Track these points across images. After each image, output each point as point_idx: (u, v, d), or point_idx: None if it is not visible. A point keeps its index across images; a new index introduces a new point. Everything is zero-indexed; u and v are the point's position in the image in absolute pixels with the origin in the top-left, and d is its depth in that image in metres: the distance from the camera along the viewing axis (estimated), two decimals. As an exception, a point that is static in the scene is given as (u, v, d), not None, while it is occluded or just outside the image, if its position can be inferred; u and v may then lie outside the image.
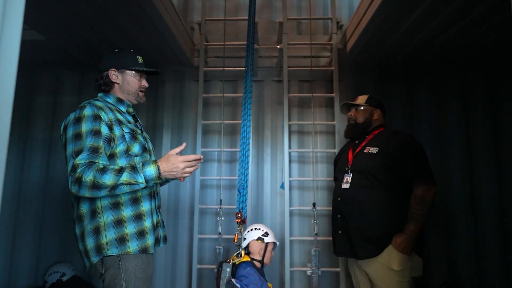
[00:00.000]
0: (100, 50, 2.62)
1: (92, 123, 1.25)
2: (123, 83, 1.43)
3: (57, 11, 1.98)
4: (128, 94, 1.45)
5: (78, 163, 1.20)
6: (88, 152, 1.21)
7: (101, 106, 1.31)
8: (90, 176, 1.17)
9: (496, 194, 2.66)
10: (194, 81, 2.97)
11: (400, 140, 1.77)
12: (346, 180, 1.79)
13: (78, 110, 1.29)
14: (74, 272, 2.64)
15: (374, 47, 2.42)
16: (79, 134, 1.24)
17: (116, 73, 1.42)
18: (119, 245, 1.24)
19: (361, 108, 1.92)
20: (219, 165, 2.79)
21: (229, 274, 1.85)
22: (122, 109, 1.43)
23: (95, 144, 1.23)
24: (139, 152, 1.36)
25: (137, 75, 1.46)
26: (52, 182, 2.90)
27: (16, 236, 2.83)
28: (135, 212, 1.30)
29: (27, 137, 2.96)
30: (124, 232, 1.26)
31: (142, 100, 1.50)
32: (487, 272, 2.59)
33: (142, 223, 1.31)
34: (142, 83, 1.48)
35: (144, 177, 1.22)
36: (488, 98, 2.79)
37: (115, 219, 1.26)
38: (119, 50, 1.46)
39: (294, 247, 2.71)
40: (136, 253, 1.27)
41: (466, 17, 1.91)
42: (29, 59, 2.83)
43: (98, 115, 1.27)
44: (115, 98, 1.43)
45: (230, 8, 3.02)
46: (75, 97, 3.00)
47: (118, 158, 1.30)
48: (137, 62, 1.46)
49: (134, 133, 1.38)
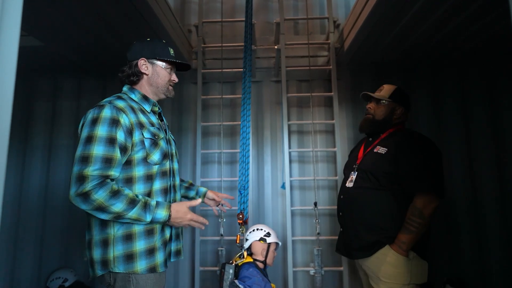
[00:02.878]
0: (98, 55, 2.65)
1: (108, 128, 1.14)
2: (152, 75, 1.33)
3: (55, 17, 1.98)
4: (157, 87, 1.35)
5: (89, 174, 1.09)
6: (101, 162, 1.11)
7: (122, 108, 1.20)
8: (100, 197, 1.08)
9: (497, 190, 2.66)
10: (192, 83, 2.98)
11: (410, 143, 1.59)
12: (351, 179, 1.69)
13: (96, 109, 1.17)
14: (77, 277, 2.63)
15: (371, 45, 2.43)
16: (91, 137, 1.12)
17: (146, 63, 1.31)
18: (127, 263, 1.16)
19: (383, 103, 1.70)
20: (220, 166, 2.79)
21: (232, 276, 1.85)
22: (147, 108, 1.32)
23: (109, 154, 1.12)
24: (159, 160, 1.25)
25: (168, 67, 1.35)
26: (52, 188, 2.90)
27: (17, 242, 2.82)
28: (147, 227, 1.20)
29: (27, 143, 2.96)
30: (133, 249, 1.17)
31: (171, 94, 1.40)
32: (491, 268, 2.58)
33: (153, 240, 1.21)
34: (172, 77, 1.38)
35: (153, 218, 1.16)
36: (486, 94, 2.79)
37: (125, 233, 1.17)
38: (151, 39, 1.35)
39: (296, 247, 2.71)
40: (143, 273, 1.18)
41: (462, 14, 1.91)
42: (27, 65, 2.84)
43: (117, 119, 1.16)
44: (140, 95, 1.32)
45: (226, 10, 3.03)
46: (74, 103, 3.00)
47: (135, 166, 1.20)
48: (169, 54, 1.35)
49: (156, 138, 1.26)
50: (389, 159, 1.57)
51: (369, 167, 1.63)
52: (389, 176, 1.56)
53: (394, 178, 1.55)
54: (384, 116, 1.69)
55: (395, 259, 1.50)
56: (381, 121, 1.70)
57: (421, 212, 1.47)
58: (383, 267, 1.52)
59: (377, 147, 1.65)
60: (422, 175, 1.52)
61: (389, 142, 1.64)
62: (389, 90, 1.72)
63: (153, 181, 1.24)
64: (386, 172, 1.56)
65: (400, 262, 1.49)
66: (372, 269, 1.58)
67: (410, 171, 1.53)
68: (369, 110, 1.74)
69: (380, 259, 1.54)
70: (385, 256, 1.52)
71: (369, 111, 1.74)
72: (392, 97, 1.70)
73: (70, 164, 2.89)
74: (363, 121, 1.78)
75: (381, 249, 1.53)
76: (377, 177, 1.58)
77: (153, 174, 1.24)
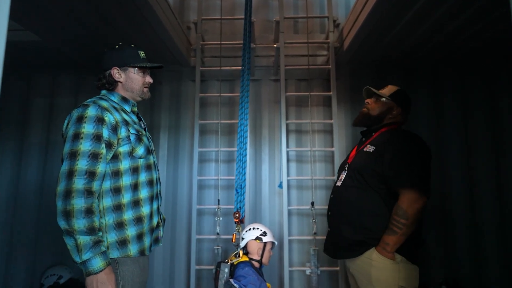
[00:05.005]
0: (96, 50, 2.62)
1: (94, 125, 1.20)
2: (126, 81, 1.38)
3: (52, 11, 1.96)
4: (132, 92, 1.40)
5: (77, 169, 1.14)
6: (88, 157, 1.16)
7: (106, 107, 1.26)
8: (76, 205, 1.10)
9: (495, 192, 2.66)
10: (191, 81, 2.96)
11: (396, 140, 1.56)
12: (340, 178, 1.68)
13: (81, 108, 1.23)
14: (71, 274, 2.62)
15: (371, 45, 2.42)
16: (78, 134, 1.19)
17: (119, 71, 1.36)
18: (121, 248, 1.23)
19: (382, 100, 1.69)
20: (217, 165, 2.77)
21: (227, 275, 1.84)
22: (127, 109, 1.38)
23: (96, 150, 1.18)
24: (143, 154, 1.33)
25: (140, 71, 1.40)
26: (48, 185, 2.88)
27: (12, 239, 2.81)
28: (136, 215, 1.28)
29: (24, 140, 2.94)
30: (126, 235, 1.24)
31: (147, 96, 1.44)
32: (487, 270, 2.58)
33: (141, 226, 1.29)
34: (146, 79, 1.42)
35: (87, 259, 1.10)
36: (486, 96, 2.79)
37: (116, 222, 1.24)
38: (120, 46, 1.39)
39: (293, 246, 2.70)
40: (136, 255, 1.25)
41: (463, 14, 1.90)
42: (25, 61, 2.82)
43: (102, 118, 1.22)
44: (119, 96, 1.38)
45: (226, 7, 3.02)
46: (72, 99, 2.99)
47: (121, 159, 1.27)
48: (139, 58, 1.40)
49: (140, 134, 1.34)
50: (376, 156, 1.53)
51: (357, 166, 1.61)
52: (375, 174, 1.52)
53: (380, 177, 1.51)
54: (379, 112, 1.68)
55: (381, 262, 1.44)
56: (375, 116, 1.68)
57: (405, 211, 1.41)
58: (369, 271, 1.48)
59: (367, 146, 1.63)
60: (405, 171, 1.47)
61: (378, 140, 1.61)
62: (391, 90, 1.71)
63: (138, 173, 1.31)
64: (372, 170, 1.53)
65: (386, 265, 1.43)
66: (359, 272, 1.54)
67: (393, 166, 1.48)
68: (367, 105, 1.73)
69: (366, 262, 1.49)
70: (370, 259, 1.48)
71: (367, 105, 1.73)
72: (392, 97, 1.68)
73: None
74: (359, 114, 1.77)
75: (367, 251, 1.49)
76: (363, 175, 1.54)
77: (138, 167, 1.31)
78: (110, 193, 1.24)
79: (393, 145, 1.54)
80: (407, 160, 1.50)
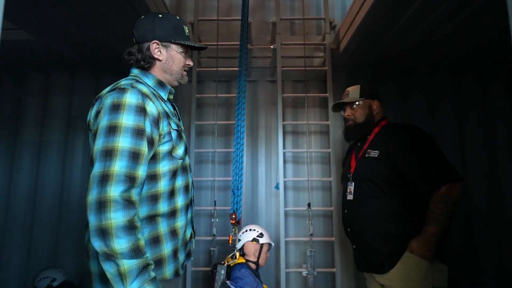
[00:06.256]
0: (91, 50, 2.61)
1: (135, 117, 0.95)
2: (167, 60, 1.14)
3: (46, 9, 1.94)
4: (171, 74, 1.16)
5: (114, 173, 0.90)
6: (128, 157, 0.92)
7: (147, 94, 1.02)
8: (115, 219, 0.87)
9: (489, 192, 2.69)
10: (187, 82, 2.95)
11: (400, 140, 1.52)
12: (350, 190, 1.62)
13: (116, 93, 0.98)
14: (65, 277, 2.57)
15: (367, 47, 2.43)
16: (114, 127, 0.93)
17: (159, 47, 1.12)
18: (156, 269, 1.00)
19: (357, 104, 1.67)
20: (213, 166, 2.76)
21: (223, 276, 1.83)
22: (163, 96, 1.14)
23: (137, 148, 0.94)
24: (183, 154, 1.10)
25: (183, 51, 1.17)
26: (42, 186, 2.84)
27: (4, 241, 2.76)
28: (171, 228, 1.06)
29: (16, 140, 2.90)
30: (162, 252, 1.03)
31: (185, 81, 1.22)
32: (482, 272, 2.60)
33: (176, 241, 1.07)
34: (187, 62, 1.19)
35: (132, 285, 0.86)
36: (481, 96, 2.82)
37: (152, 236, 1.01)
38: (164, 16, 1.14)
39: (289, 248, 2.69)
40: (171, 277, 1.05)
41: (459, 16, 1.92)
42: (18, 59, 2.78)
43: (143, 107, 0.97)
44: (155, 80, 1.13)
45: (223, 8, 3.01)
46: (66, 99, 2.94)
47: (159, 160, 1.04)
48: (185, 34, 1.16)
49: (180, 130, 1.12)
50: (385, 162, 1.51)
51: (365, 174, 1.56)
52: (388, 179, 1.50)
53: (393, 181, 1.49)
54: (365, 116, 1.66)
55: (417, 263, 1.42)
56: (363, 122, 1.66)
57: (446, 198, 1.41)
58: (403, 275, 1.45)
59: (368, 151, 1.59)
60: (433, 172, 1.45)
61: (379, 143, 1.58)
62: (356, 90, 1.69)
63: (176, 177, 1.10)
64: (384, 176, 1.50)
65: (421, 266, 1.41)
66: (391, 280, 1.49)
67: (414, 170, 1.46)
68: (349, 117, 1.71)
69: (399, 268, 1.46)
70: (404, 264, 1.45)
71: (349, 118, 1.71)
72: (362, 95, 1.67)
73: (61, 162, 2.89)
74: (346, 129, 1.73)
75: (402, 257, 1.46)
76: (376, 183, 1.51)
77: (177, 170, 1.09)
78: (146, 201, 1.02)
79: (400, 146, 1.51)
80: (425, 159, 1.47)
